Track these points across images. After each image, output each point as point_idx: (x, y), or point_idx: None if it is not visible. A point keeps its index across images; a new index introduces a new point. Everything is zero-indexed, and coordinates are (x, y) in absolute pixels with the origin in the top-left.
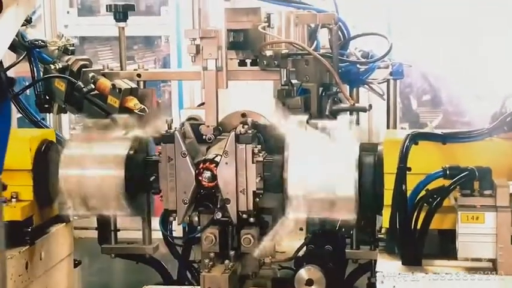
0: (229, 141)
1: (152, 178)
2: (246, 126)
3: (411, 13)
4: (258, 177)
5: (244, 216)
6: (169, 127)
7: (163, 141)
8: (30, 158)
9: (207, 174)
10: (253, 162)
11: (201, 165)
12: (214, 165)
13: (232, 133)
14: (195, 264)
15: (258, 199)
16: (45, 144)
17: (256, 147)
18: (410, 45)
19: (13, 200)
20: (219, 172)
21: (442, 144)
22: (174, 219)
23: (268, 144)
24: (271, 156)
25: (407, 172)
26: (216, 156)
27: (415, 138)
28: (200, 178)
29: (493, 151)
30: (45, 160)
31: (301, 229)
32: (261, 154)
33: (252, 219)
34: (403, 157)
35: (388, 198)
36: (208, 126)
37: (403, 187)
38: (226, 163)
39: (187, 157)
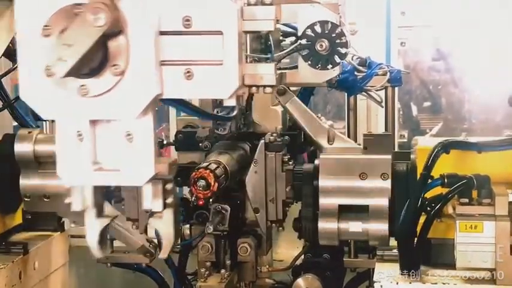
0: (259, 149)
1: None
2: (274, 135)
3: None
4: (288, 186)
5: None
6: None
7: None
8: None
9: (202, 182)
10: (282, 171)
11: (195, 174)
12: (209, 171)
13: (262, 141)
14: (189, 276)
15: (287, 208)
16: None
17: (285, 155)
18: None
19: None
20: (248, 181)
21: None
22: (137, 228)
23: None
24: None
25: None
26: (210, 164)
27: (446, 147)
28: (194, 188)
29: None
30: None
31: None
32: (290, 163)
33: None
34: (430, 165)
35: None
36: (204, 128)
37: (422, 195)
38: (256, 172)
39: None
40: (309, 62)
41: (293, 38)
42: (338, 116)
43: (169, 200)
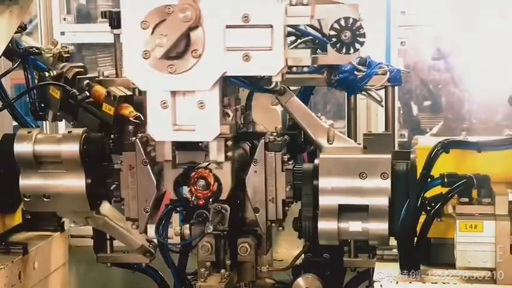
0: (259, 149)
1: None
2: (274, 134)
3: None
4: (288, 186)
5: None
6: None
7: (125, 149)
8: None
9: (201, 182)
10: (282, 171)
11: (195, 174)
12: (208, 171)
13: (262, 141)
14: (189, 276)
15: (287, 208)
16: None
17: (285, 155)
18: None
19: None
20: (248, 181)
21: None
22: (137, 228)
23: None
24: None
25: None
26: (210, 163)
27: (446, 147)
28: (194, 188)
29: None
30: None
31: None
32: (290, 162)
33: None
34: (430, 164)
35: None
36: None
37: (422, 194)
38: (256, 171)
39: (148, 165)
40: (335, 48)
41: (293, 38)
42: (338, 115)
43: (229, 154)
